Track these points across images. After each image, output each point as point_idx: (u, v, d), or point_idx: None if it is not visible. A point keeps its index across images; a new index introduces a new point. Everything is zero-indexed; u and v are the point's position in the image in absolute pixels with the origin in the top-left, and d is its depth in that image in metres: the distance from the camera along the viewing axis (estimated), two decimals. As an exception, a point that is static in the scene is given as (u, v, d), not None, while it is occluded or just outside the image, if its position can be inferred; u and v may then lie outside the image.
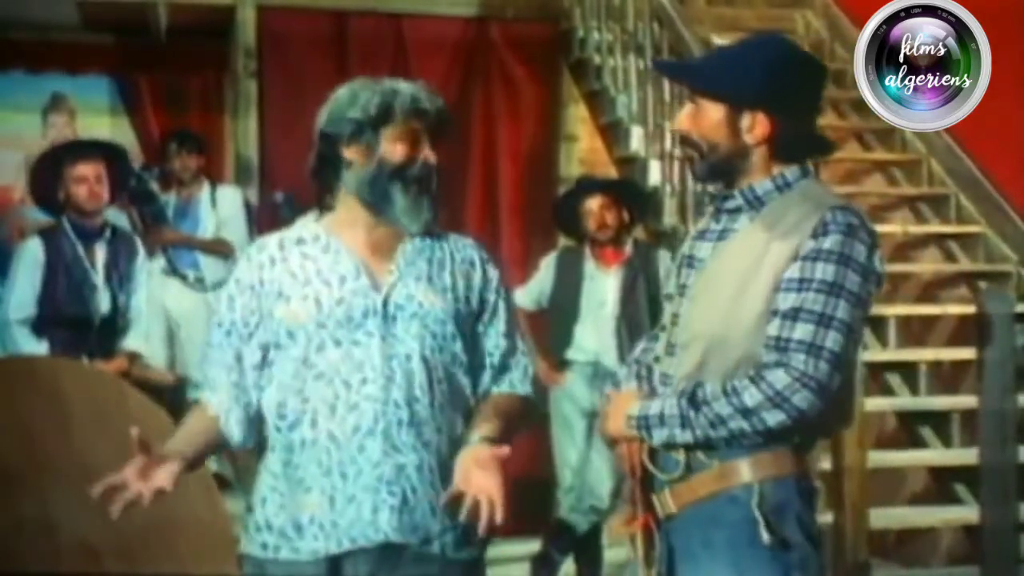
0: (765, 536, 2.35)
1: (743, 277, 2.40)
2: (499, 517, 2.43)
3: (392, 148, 2.60)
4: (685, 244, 2.62)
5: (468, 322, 2.69)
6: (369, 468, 2.55)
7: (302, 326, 2.58)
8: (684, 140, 2.56)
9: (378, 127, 2.61)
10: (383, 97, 2.61)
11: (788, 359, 2.32)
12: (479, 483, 2.45)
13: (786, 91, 2.46)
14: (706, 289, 2.46)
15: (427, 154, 2.62)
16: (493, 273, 2.75)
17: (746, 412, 2.33)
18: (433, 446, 2.58)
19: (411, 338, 2.59)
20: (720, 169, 2.50)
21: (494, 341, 2.73)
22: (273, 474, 2.63)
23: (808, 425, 2.37)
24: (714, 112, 2.48)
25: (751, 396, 2.33)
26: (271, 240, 2.70)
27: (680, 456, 2.44)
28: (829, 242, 2.36)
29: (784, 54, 2.50)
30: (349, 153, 2.63)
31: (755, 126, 2.46)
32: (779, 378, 2.32)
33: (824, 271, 2.35)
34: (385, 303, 2.60)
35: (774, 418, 2.33)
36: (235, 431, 2.65)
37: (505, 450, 2.51)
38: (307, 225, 2.70)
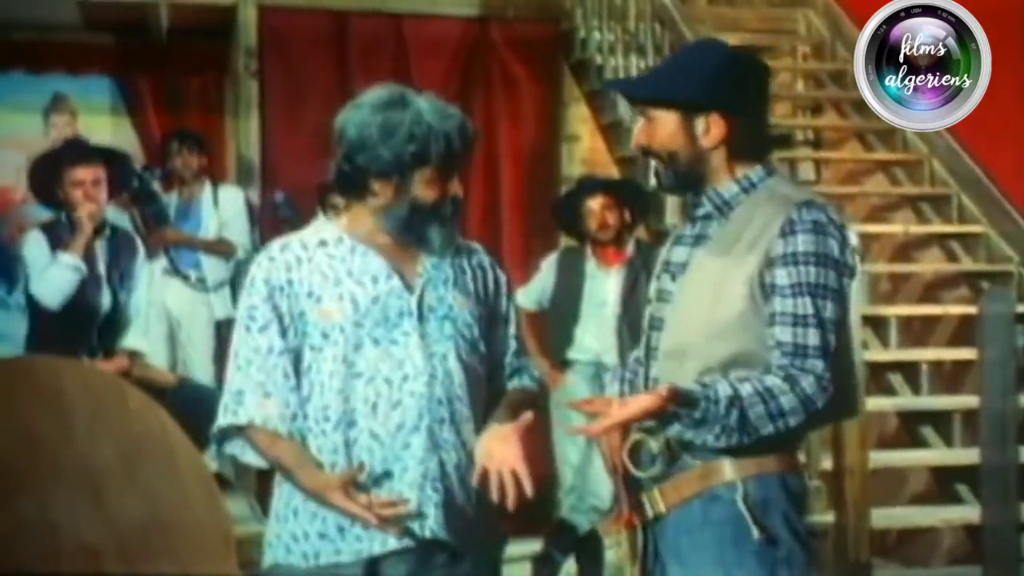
0: (754, 531, 2.38)
1: (718, 283, 2.44)
2: (528, 488, 2.46)
3: (425, 191, 2.59)
4: (664, 248, 2.65)
5: (486, 325, 2.71)
6: (415, 464, 2.55)
7: (337, 325, 2.57)
8: (645, 153, 2.59)
9: (412, 170, 2.58)
10: (418, 144, 2.56)
11: (812, 365, 2.38)
12: (500, 456, 2.48)
13: (733, 90, 2.49)
14: (687, 297, 2.49)
15: (456, 189, 2.63)
16: (502, 277, 2.78)
17: (780, 415, 2.36)
18: (470, 445, 2.60)
19: (445, 338, 2.61)
20: (684, 176, 2.53)
21: (508, 343, 2.76)
22: None
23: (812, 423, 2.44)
24: (668, 121, 2.51)
25: (788, 401, 2.36)
26: (292, 241, 2.67)
27: (655, 450, 2.45)
28: (805, 243, 2.39)
29: (725, 56, 2.54)
30: (376, 185, 2.60)
31: (710, 128, 2.49)
32: (810, 384, 2.37)
33: (817, 275, 2.39)
34: (419, 304, 2.61)
35: (796, 419, 2.38)
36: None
37: (529, 416, 2.55)
38: (323, 227, 2.69)
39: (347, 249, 2.63)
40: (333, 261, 2.62)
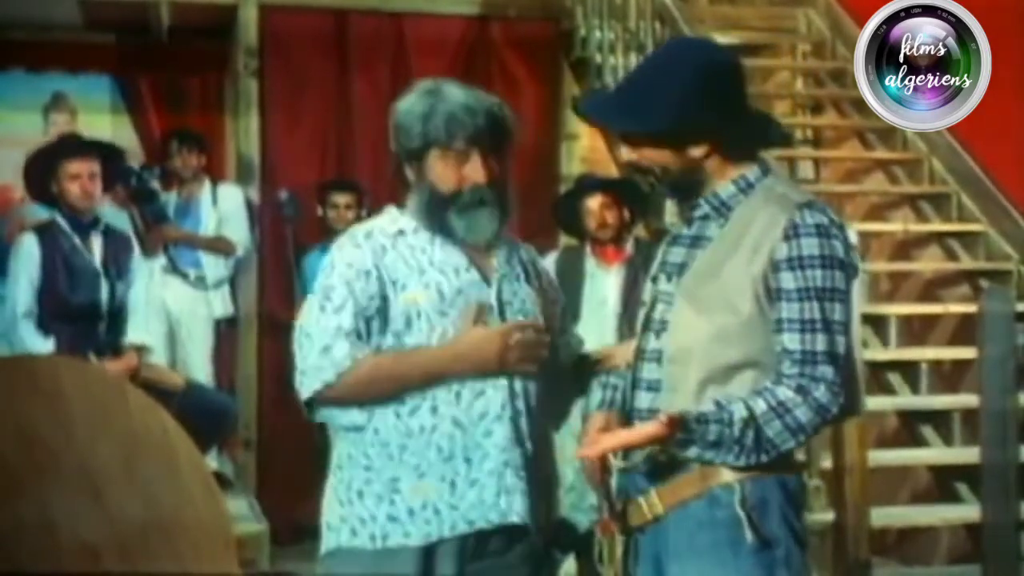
0: (748, 535, 2.38)
1: (721, 286, 2.42)
2: None
3: (438, 174, 2.66)
4: (661, 249, 2.63)
5: (548, 315, 2.80)
6: (496, 452, 2.61)
7: (423, 313, 2.61)
8: (636, 168, 2.57)
9: (427, 150, 2.66)
10: (422, 124, 2.65)
11: (822, 372, 2.36)
12: None
13: (711, 108, 2.42)
14: (687, 300, 2.47)
15: (476, 176, 2.66)
16: (542, 263, 2.92)
17: (800, 429, 2.36)
18: (538, 438, 2.69)
19: None
20: (680, 185, 2.52)
21: (572, 334, 2.94)
22: (366, 467, 2.63)
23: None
24: (650, 142, 2.48)
25: (803, 413, 2.35)
26: (374, 229, 2.71)
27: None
28: (810, 247, 2.37)
29: (692, 76, 2.43)
30: (409, 172, 2.70)
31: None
32: (822, 393, 2.36)
33: (824, 278, 2.37)
34: (498, 297, 2.67)
35: (814, 430, 2.38)
36: None
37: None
38: (397, 218, 2.72)
39: (426, 239, 2.68)
40: (414, 251, 2.66)
